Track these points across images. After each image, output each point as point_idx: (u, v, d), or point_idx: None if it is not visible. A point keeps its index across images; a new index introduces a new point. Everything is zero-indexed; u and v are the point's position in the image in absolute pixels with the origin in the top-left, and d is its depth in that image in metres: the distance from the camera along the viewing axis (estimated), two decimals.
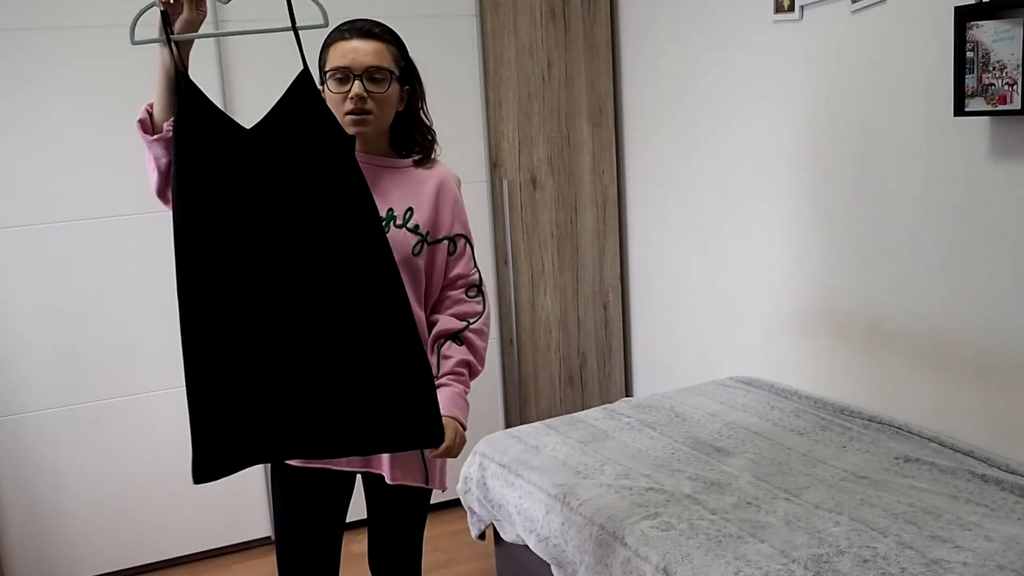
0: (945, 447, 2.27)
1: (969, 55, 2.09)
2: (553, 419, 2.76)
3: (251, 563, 3.11)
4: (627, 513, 2.05)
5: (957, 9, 2.10)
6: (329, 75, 1.72)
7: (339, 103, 1.71)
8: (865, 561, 1.76)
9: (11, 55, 2.70)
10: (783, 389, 2.80)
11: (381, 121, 1.75)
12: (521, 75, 3.32)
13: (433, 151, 1.86)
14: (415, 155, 1.84)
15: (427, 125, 1.85)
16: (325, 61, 1.75)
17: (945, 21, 2.17)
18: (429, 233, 1.80)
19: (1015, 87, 2.01)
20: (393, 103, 1.77)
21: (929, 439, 2.32)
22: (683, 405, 2.74)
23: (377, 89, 1.72)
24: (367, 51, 1.71)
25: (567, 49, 3.38)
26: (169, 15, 1.50)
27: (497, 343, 3.40)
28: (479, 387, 1.86)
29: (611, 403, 2.91)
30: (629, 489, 2.17)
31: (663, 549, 1.88)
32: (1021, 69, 2.00)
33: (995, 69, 2.04)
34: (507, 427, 3.40)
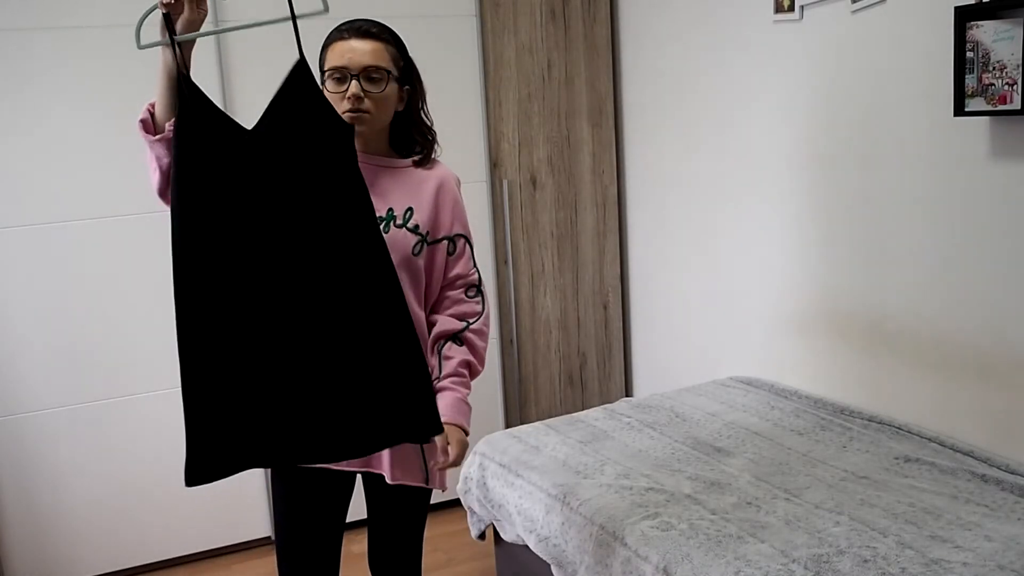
0: (945, 447, 2.27)
1: (969, 55, 2.09)
2: (553, 419, 2.76)
3: (251, 563, 3.11)
4: (627, 513, 2.05)
5: (957, 9, 2.10)
6: (328, 75, 1.73)
7: (337, 103, 1.71)
8: (865, 561, 1.76)
9: (11, 55, 2.70)
10: (783, 389, 2.80)
11: (379, 120, 1.75)
12: (521, 75, 3.32)
13: (433, 151, 1.86)
14: (415, 155, 1.84)
15: (427, 125, 1.85)
16: (324, 61, 1.75)
17: (945, 21, 2.17)
18: (429, 233, 1.80)
19: (1015, 87, 2.01)
20: (391, 103, 1.77)
21: (929, 439, 2.32)
22: (683, 405, 2.74)
23: (374, 89, 1.72)
24: (365, 51, 1.71)
25: (567, 49, 3.38)
26: (171, 16, 1.50)
27: (497, 343, 3.40)
28: (479, 387, 1.86)
29: (611, 403, 2.91)
30: (629, 489, 2.17)
31: (663, 549, 1.88)
32: (1021, 69, 2.00)
33: (995, 69, 2.04)
34: (507, 427, 3.40)
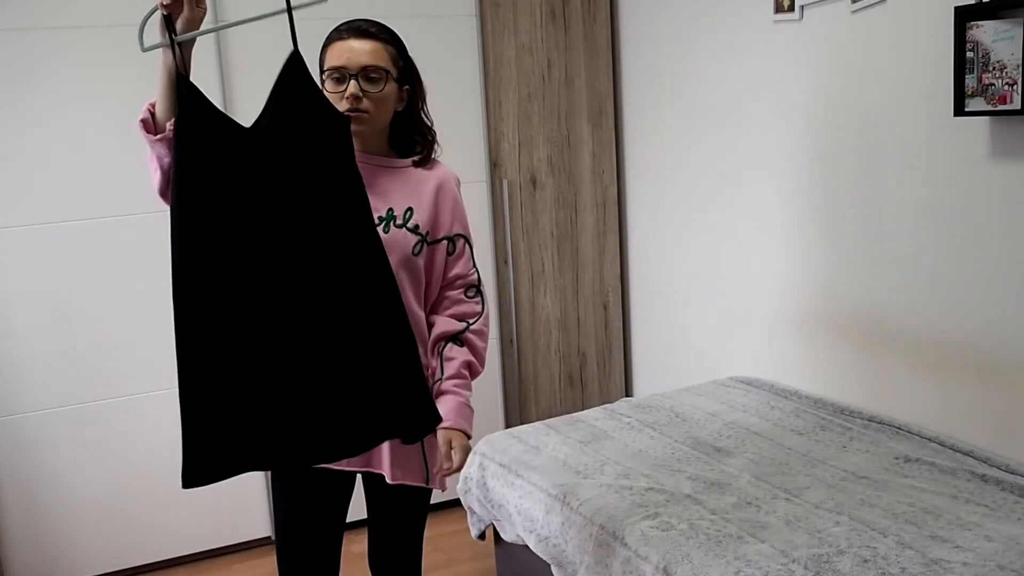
0: (945, 447, 2.27)
1: (969, 55, 2.09)
2: (553, 419, 2.76)
3: (251, 563, 3.11)
4: (627, 513, 2.05)
5: (957, 9, 2.10)
6: (327, 75, 1.73)
7: (336, 103, 1.71)
8: (865, 561, 1.76)
9: (11, 55, 2.70)
10: (783, 389, 2.80)
11: (377, 120, 1.75)
12: (521, 75, 3.32)
13: (433, 151, 1.86)
14: (415, 155, 1.84)
15: (427, 125, 1.85)
16: (324, 61, 1.75)
17: (945, 21, 2.17)
18: (429, 233, 1.80)
19: (1015, 87, 2.01)
20: (390, 103, 1.77)
21: (929, 439, 2.32)
22: (683, 405, 2.74)
23: (373, 88, 1.72)
24: (363, 51, 1.71)
25: (567, 49, 3.38)
26: (172, 17, 1.50)
27: (497, 343, 3.40)
28: (479, 387, 1.86)
29: (611, 403, 2.91)
30: (629, 489, 2.17)
31: (663, 549, 1.88)
32: (1021, 69, 2.00)
33: (995, 69, 2.04)
34: (507, 427, 3.40)
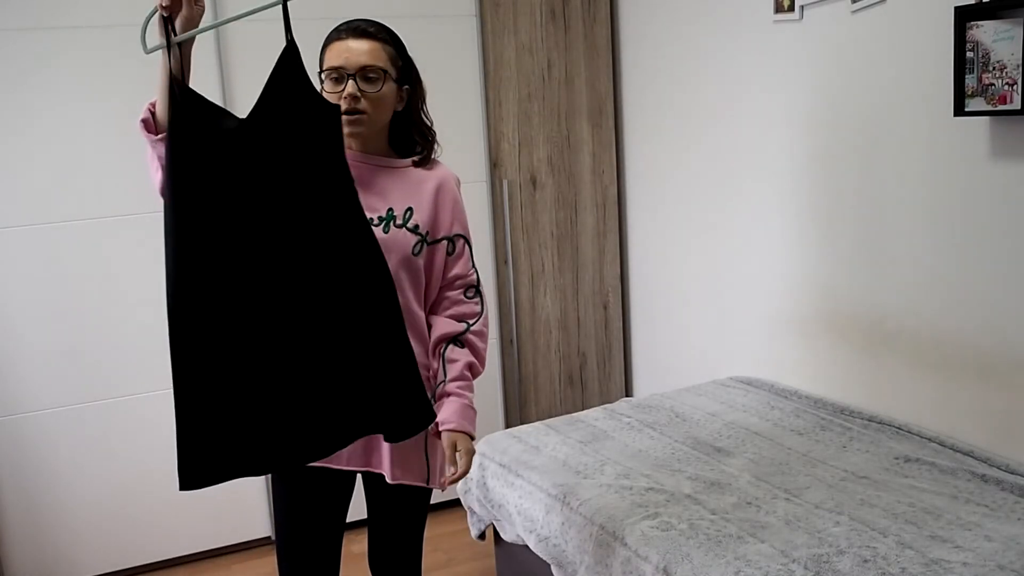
0: (945, 447, 2.27)
1: (969, 55, 2.09)
2: (553, 419, 2.76)
3: (251, 563, 3.11)
4: (627, 513, 2.05)
5: (957, 9, 2.10)
6: (325, 75, 1.73)
7: (334, 103, 1.71)
8: (865, 561, 1.76)
9: (11, 55, 2.70)
10: (783, 389, 2.80)
11: (376, 121, 1.75)
12: (521, 75, 3.32)
13: (433, 151, 1.86)
14: (415, 155, 1.84)
15: (427, 125, 1.85)
16: (323, 61, 1.75)
17: (945, 21, 2.17)
18: (429, 233, 1.80)
19: (1015, 87, 2.01)
20: (388, 103, 1.76)
21: (929, 439, 2.32)
22: (683, 405, 2.74)
23: (371, 89, 1.71)
24: (361, 51, 1.71)
25: (567, 49, 3.38)
26: (172, 17, 1.50)
27: (497, 343, 3.40)
28: (479, 387, 1.86)
29: (611, 403, 2.91)
30: (629, 489, 2.17)
31: (663, 549, 1.88)
32: (1021, 69, 2.00)
33: (995, 69, 2.04)
34: (507, 427, 3.40)
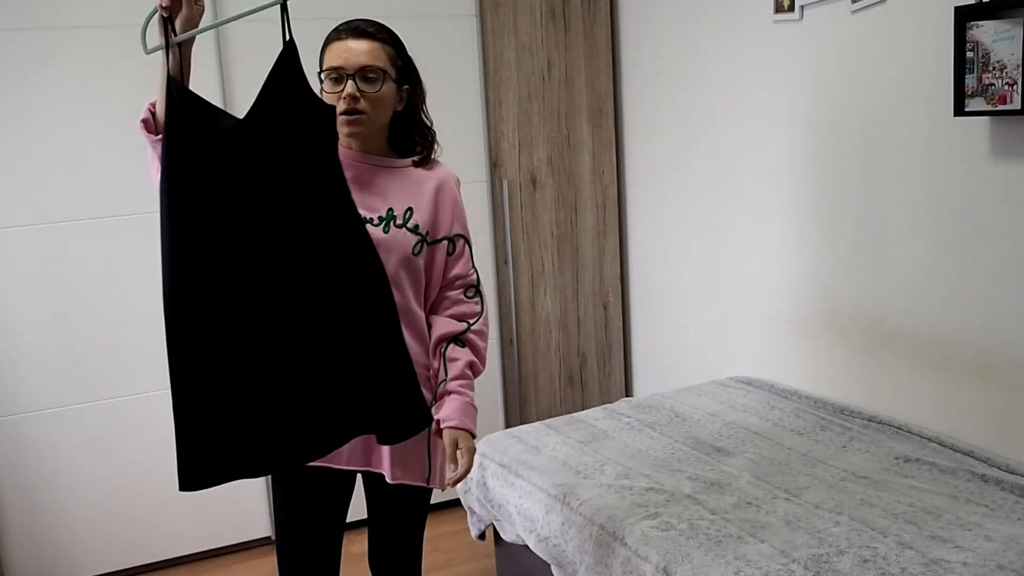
0: (945, 447, 2.27)
1: (969, 55, 2.09)
2: (553, 419, 2.76)
3: (251, 563, 3.11)
4: (627, 513, 2.05)
5: (957, 9, 2.10)
6: (325, 75, 1.73)
7: (333, 103, 1.71)
8: (865, 561, 1.76)
9: (11, 55, 2.70)
10: (783, 389, 2.80)
11: (375, 121, 1.75)
12: (521, 75, 3.32)
13: (433, 151, 1.86)
14: (415, 155, 1.84)
15: (427, 125, 1.85)
16: (322, 61, 1.75)
17: (945, 21, 2.17)
18: (429, 233, 1.80)
19: (1015, 87, 2.01)
20: (388, 103, 1.76)
21: (929, 439, 2.32)
22: (683, 405, 2.74)
23: (370, 89, 1.71)
24: (361, 51, 1.71)
25: (567, 49, 3.38)
26: (172, 17, 1.50)
27: (497, 343, 3.40)
28: (479, 387, 1.86)
29: (611, 403, 2.91)
30: (629, 489, 2.17)
31: (663, 549, 1.88)
32: (1021, 69, 2.00)
33: (995, 69, 2.04)
34: (507, 427, 3.40)
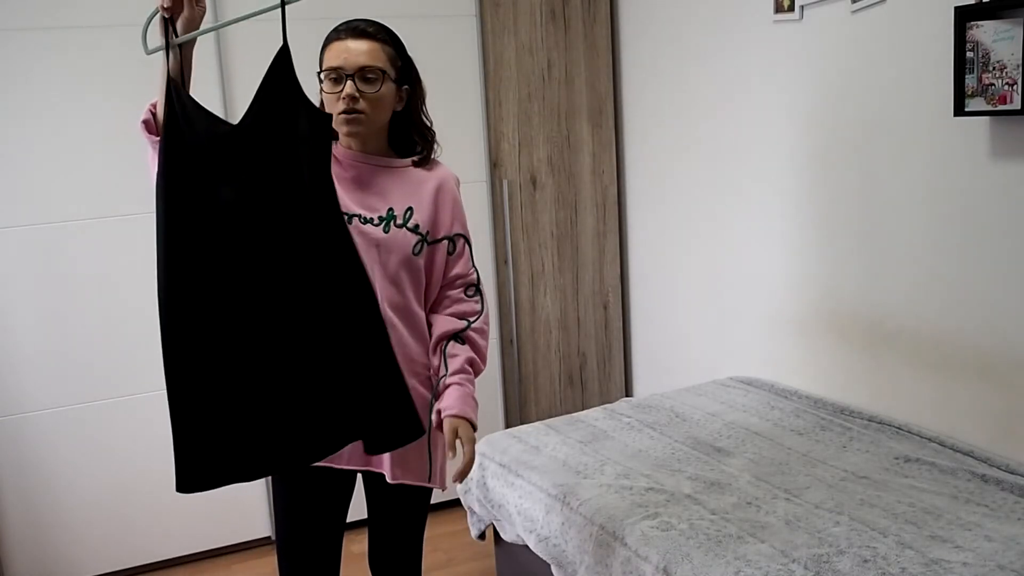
0: (945, 447, 2.27)
1: (969, 55, 2.09)
2: (553, 419, 2.76)
3: (251, 563, 3.11)
4: (627, 513, 2.05)
5: (957, 9, 2.10)
6: (324, 75, 1.73)
7: (333, 103, 1.72)
8: (865, 561, 1.76)
9: (10, 55, 2.70)
10: (783, 389, 2.80)
11: (375, 121, 1.75)
12: (521, 75, 3.32)
13: (433, 151, 1.86)
14: (415, 155, 1.84)
15: (427, 125, 1.85)
16: (322, 61, 1.75)
17: (945, 21, 2.17)
18: (429, 233, 1.80)
19: (1015, 87, 2.01)
20: (387, 103, 1.76)
21: (929, 439, 2.32)
22: (683, 405, 2.74)
23: (369, 89, 1.72)
24: (360, 51, 1.71)
25: (567, 49, 3.38)
26: (173, 18, 1.50)
27: (497, 343, 3.40)
28: (479, 387, 1.86)
29: (611, 403, 2.91)
30: (629, 489, 2.17)
31: (663, 549, 1.88)
32: (1021, 69, 2.00)
33: (995, 69, 2.04)
34: (507, 427, 3.40)
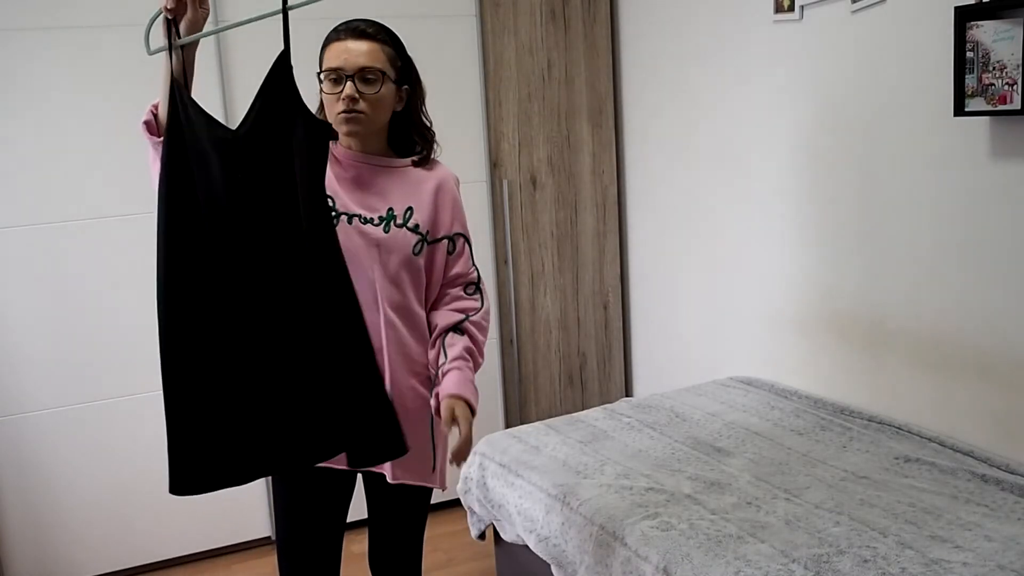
0: (945, 447, 2.27)
1: (969, 55, 2.09)
2: (553, 419, 2.76)
3: (251, 563, 3.11)
4: (627, 513, 2.05)
5: (957, 9, 2.10)
6: (324, 76, 1.73)
7: (333, 103, 1.72)
8: (865, 561, 1.76)
9: (10, 55, 2.70)
10: (783, 389, 2.80)
11: (374, 121, 1.75)
12: (521, 75, 3.32)
13: (433, 151, 1.86)
14: (415, 155, 1.84)
15: (426, 125, 1.85)
16: (322, 62, 1.75)
17: (945, 21, 2.17)
18: (429, 232, 1.80)
19: (1015, 87, 2.01)
20: (387, 103, 1.76)
21: (929, 439, 2.32)
22: (683, 405, 2.74)
23: (369, 89, 1.72)
24: (360, 51, 1.71)
25: (567, 49, 3.38)
26: (176, 19, 1.50)
27: (497, 343, 3.40)
28: (479, 387, 1.86)
29: (611, 403, 2.91)
30: (629, 489, 2.17)
31: (663, 549, 1.88)
32: (1021, 69, 2.00)
33: (995, 69, 2.04)
34: (507, 427, 3.40)
